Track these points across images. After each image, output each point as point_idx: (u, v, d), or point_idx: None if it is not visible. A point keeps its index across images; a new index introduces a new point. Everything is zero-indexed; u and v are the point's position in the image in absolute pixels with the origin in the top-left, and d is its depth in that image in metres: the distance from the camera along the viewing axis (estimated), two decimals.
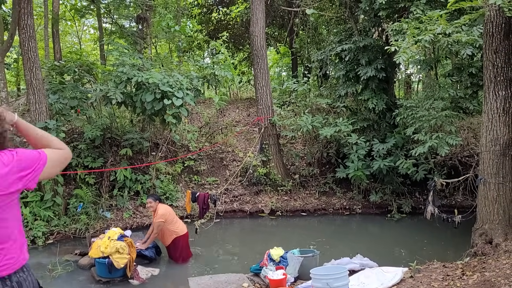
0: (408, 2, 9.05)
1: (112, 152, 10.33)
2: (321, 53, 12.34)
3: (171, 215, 7.11)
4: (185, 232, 7.18)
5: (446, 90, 9.38)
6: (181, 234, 7.09)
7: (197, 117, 13.99)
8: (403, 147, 10.11)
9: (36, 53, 8.93)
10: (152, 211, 7.12)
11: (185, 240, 7.19)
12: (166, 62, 12.50)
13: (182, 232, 7.13)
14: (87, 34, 23.70)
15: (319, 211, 10.68)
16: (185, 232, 7.18)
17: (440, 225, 8.19)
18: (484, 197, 6.69)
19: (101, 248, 6.25)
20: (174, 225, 7.07)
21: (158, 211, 6.95)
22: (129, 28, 13.85)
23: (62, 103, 9.47)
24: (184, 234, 7.14)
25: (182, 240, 7.12)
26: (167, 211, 7.08)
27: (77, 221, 8.95)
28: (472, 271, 5.26)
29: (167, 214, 7.01)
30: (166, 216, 6.96)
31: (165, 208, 7.15)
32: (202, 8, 18.91)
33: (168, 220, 6.97)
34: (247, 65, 20.05)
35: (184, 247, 7.20)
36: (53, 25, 16.32)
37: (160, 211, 6.96)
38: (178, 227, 7.11)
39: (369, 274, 5.49)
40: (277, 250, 6.27)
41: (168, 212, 7.07)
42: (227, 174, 11.57)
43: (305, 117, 10.79)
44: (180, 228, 7.14)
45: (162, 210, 7.01)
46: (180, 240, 7.08)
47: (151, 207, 7.06)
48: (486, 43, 6.60)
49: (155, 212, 7.03)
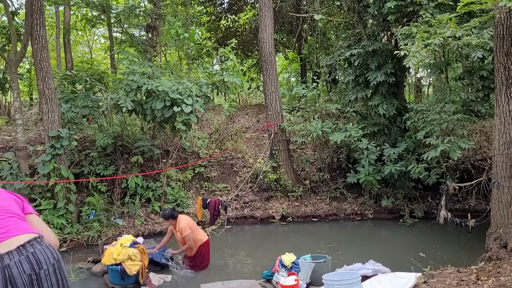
0: (417, 6, 9.03)
1: (124, 160, 10.41)
2: (330, 58, 12.35)
3: (193, 224, 7.10)
4: (206, 239, 7.18)
5: (457, 94, 9.31)
6: (204, 241, 7.08)
7: (207, 123, 14.06)
8: (414, 151, 10.04)
9: (48, 63, 9.06)
10: (173, 227, 7.06)
11: (207, 246, 7.18)
12: (176, 69, 12.59)
13: (204, 239, 7.12)
14: (97, 43, 24.03)
15: (330, 216, 10.63)
16: (206, 239, 7.18)
17: (454, 229, 8.09)
18: (498, 201, 6.60)
19: (113, 255, 6.29)
20: (196, 232, 7.07)
21: (180, 224, 6.90)
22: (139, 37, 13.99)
23: (74, 112, 9.59)
24: (206, 241, 7.14)
25: (206, 247, 7.11)
26: (187, 221, 7.05)
27: (89, 228, 9.01)
28: (487, 276, 5.19)
29: (190, 223, 7.01)
30: (190, 225, 6.96)
31: (186, 219, 7.10)
32: (210, 16, 19.08)
33: (191, 229, 6.96)
34: (256, 71, 20.13)
35: (208, 253, 7.20)
36: (65, 35, 16.60)
37: (182, 223, 6.92)
38: (200, 234, 7.11)
39: (382, 280, 5.44)
40: (289, 256, 6.25)
41: (189, 222, 7.06)
42: (238, 180, 11.58)
43: (314, 122, 10.78)
44: (202, 235, 7.15)
45: (184, 222, 6.98)
46: (204, 247, 7.07)
47: (168, 224, 7.10)
48: (497, 45, 6.55)
49: (174, 226, 6.99)
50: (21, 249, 1.96)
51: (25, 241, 1.99)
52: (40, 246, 2.02)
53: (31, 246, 1.99)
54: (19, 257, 1.93)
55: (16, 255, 1.93)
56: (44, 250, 2.01)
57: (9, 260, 1.91)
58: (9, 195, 2.29)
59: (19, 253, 1.94)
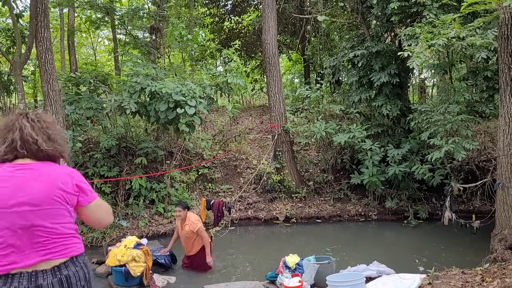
0: (421, 6, 9.00)
1: (128, 161, 10.44)
2: (333, 59, 12.33)
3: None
4: (209, 240, 7.18)
5: (462, 94, 9.27)
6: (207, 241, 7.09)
7: (211, 125, 14.08)
8: (418, 152, 10.00)
9: (52, 65, 9.10)
10: (180, 220, 6.99)
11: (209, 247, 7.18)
12: (179, 71, 12.63)
13: (208, 239, 7.12)
14: (101, 45, 24.13)
15: (334, 217, 10.61)
16: (209, 240, 7.18)
17: (458, 231, 8.07)
18: (503, 202, 6.57)
19: (117, 257, 6.30)
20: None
21: (191, 218, 6.90)
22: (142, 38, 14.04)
23: (78, 113, 9.63)
24: (210, 241, 7.14)
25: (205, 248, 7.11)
26: (196, 216, 7.08)
27: (93, 229, 9.03)
28: (492, 278, 5.16)
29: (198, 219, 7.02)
30: (200, 221, 6.98)
31: (194, 215, 7.13)
32: (214, 17, 19.10)
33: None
34: (260, 72, 20.14)
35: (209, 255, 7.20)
36: (69, 37, 16.68)
37: (193, 217, 6.96)
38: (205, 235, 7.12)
39: (386, 281, 5.42)
40: (293, 257, 6.24)
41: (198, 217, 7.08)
42: (241, 182, 11.58)
43: (318, 123, 10.77)
44: (206, 235, 7.15)
45: (195, 216, 7.01)
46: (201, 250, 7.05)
47: (180, 216, 6.94)
48: (501, 46, 6.52)
49: (183, 220, 6.94)
50: (55, 270, 2.01)
51: (61, 263, 2.04)
52: (74, 268, 2.08)
53: (66, 268, 2.04)
54: (52, 279, 1.98)
55: (50, 276, 1.99)
56: (77, 272, 2.07)
57: (43, 280, 1.96)
58: (54, 192, 2.04)
59: (53, 274, 2.00)
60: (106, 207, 2.30)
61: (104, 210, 2.28)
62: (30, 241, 1.97)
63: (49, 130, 2.14)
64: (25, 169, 2.03)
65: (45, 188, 2.01)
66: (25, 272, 1.95)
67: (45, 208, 1.99)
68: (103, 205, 2.28)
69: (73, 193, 2.09)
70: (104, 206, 2.28)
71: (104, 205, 2.28)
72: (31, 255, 1.96)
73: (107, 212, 2.30)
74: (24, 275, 1.94)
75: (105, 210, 2.28)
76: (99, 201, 2.23)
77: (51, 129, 2.16)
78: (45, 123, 2.16)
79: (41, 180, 2.02)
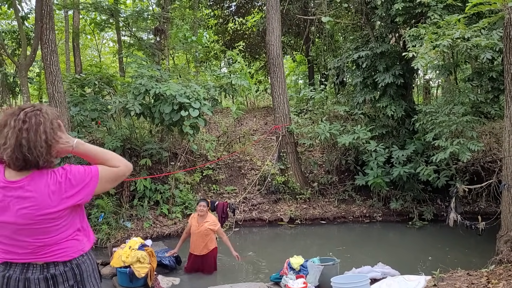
0: (425, 7, 8.98)
1: (132, 163, 10.27)
2: (337, 60, 12.32)
3: None
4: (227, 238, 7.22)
5: (467, 95, 9.23)
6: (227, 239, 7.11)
7: (215, 126, 14.09)
8: (423, 154, 9.97)
9: (57, 67, 9.15)
10: (201, 216, 6.88)
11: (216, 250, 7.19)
12: (184, 72, 12.65)
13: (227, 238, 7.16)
14: (106, 47, 24.22)
15: (339, 219, 10.59)
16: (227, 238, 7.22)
17: (464, 232, 8.03)
18: (509, 203, 6.53)
19: (122, 258, 6.32)
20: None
21: (212, 217, 6.93)
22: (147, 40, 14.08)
23: (83, 115, 9.67)
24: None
25: (216, 249, 7.11)
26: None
27: (98, 231, 9.06)
28: (498, 279, 5.13)
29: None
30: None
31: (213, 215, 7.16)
32: (218, 19, 19.14)
33: None
34: (264, 74, 20.14)
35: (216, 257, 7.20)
36: (74, 39, 16.75)
37: (213, 217, 6.99)
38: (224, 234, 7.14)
39: (391, 283, 5.40)
40: (297, 259, 6.23)
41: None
42: (246, 183, 11.58)
43: (322, 124, 10.75)
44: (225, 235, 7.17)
45: (213, 216, 7.05)
46: (215, 250, 7.06)
47: (203, 211, 6.85)
48: (507, 46, 6.49)
49: (203, 217, 6.85)
50: (44, 267, 2.06)
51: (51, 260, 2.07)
52: (63, 268, 2.10)
53: (54, 267, 2.08)
54: (39, 275, 2.04)
55: (38, 271, 2.05)
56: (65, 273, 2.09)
57: (31, 273, 2.03)
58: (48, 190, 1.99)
59: (41, 271, 2.05)
60: (112, 164, 2.15)
61: (112, 170, 2.14)
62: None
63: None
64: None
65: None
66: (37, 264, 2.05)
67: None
68: (108, 170, 2.14)
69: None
70: (110, 169, 2.14)
71: (109, 170, 2.14)
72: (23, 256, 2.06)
73: (116, 162, 2.16)
74: (19, 265, 2.04)
75: (113, 169, 2.15)
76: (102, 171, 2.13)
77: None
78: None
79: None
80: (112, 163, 2.14)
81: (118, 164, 2.15)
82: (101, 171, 2.11)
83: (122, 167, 2.16)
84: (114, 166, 2.14)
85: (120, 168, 2.15)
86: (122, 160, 2.18)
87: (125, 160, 2.20)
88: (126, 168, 2.17)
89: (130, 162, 2.25)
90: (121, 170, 2.16)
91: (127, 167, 2.18)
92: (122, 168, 2.16)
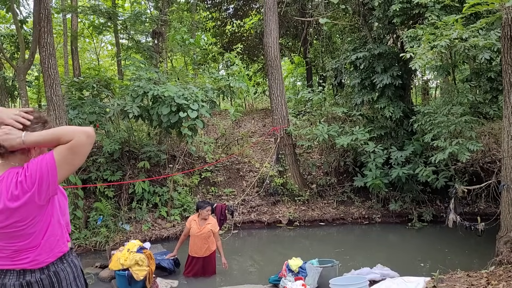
0: (423, 8, 8.99)
1: (130, 165, 10.45)
2: (335, 61, 12.33)
3: None
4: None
5: (465, 95, 9.23)
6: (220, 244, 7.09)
7: (213, 128, 14.08)
8: (422, 154, 9.96)
9: (56, 70, 9.14)
10: (203, 219, 6.88)
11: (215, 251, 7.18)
12: (182, 75, 12.65)
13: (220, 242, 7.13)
14: (104, 50, 24.22)
15: (338, 220, 10.57)
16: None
17: (463, 233, 8.01)
18: (508, 204, 6.52)
19: (120, 261, 6.30)
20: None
21: (213, 220, 6.93)
22: (145, 43, 14.09)
23: (81, 118, 9.66)
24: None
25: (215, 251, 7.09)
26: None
27: (97, 234, 9.04)
28: (498, 280, 5.11)
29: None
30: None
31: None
32: (216, 21, 19.16)
33: None
34: (262, 76, 20.15)
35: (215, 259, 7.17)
36: (72, 43, 16.75)
37: (213, 219, 6.99)
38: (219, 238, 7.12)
39: (390, 284, 5.38)
40: (296, 261, 6.21)
41: None
42: (244, 185, 11.56)
43: (321, 126, 10.74)
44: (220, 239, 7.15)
45: (214, 218, 7.06)
46: (215, 252, 7.04)
47: (207, 215, 6.87)
48: (505, 46, 6.50)
49: (205, 220, 6.85)
50: (21, 273, 2.06)
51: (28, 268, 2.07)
52: (62, 265, 2.14)
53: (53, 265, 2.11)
54: (40, 275, 2.06)
55: (38, 273, 2.07)
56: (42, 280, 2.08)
57: (31, 277, 2.05)
58: (7, 193, 1.95)
59: (40, 272, 2.07)
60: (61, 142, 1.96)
61: (68, 147, 1.95)
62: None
63: None
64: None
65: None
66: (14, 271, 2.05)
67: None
68: (63, 148, 1.96)
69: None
70: (65, 147, 1.95)
71: (64, 148, 1.95)
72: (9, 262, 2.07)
73: (64, 135, 1.96)
74: (14, 273, 2.04)
75: (67, 146, 1.95)
76: (57, 153, 1.96)
77: None
78: None
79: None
80: (66, 139, 1.94)
81: (72, 137, 1.94)
82: (56, 154, 1.94)
83: (77, 137, 1.94)
84: (70, 141, 1.94)
85: (75, 139, 1.93)
86: (76, 130, 1.97)
87: (80, 128, 1.99)
88: (83, 134, 1.95)
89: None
90: (77, 140, 1.93)
91: (84, 133, 1.95)
92: (78, 138, 1.94)
